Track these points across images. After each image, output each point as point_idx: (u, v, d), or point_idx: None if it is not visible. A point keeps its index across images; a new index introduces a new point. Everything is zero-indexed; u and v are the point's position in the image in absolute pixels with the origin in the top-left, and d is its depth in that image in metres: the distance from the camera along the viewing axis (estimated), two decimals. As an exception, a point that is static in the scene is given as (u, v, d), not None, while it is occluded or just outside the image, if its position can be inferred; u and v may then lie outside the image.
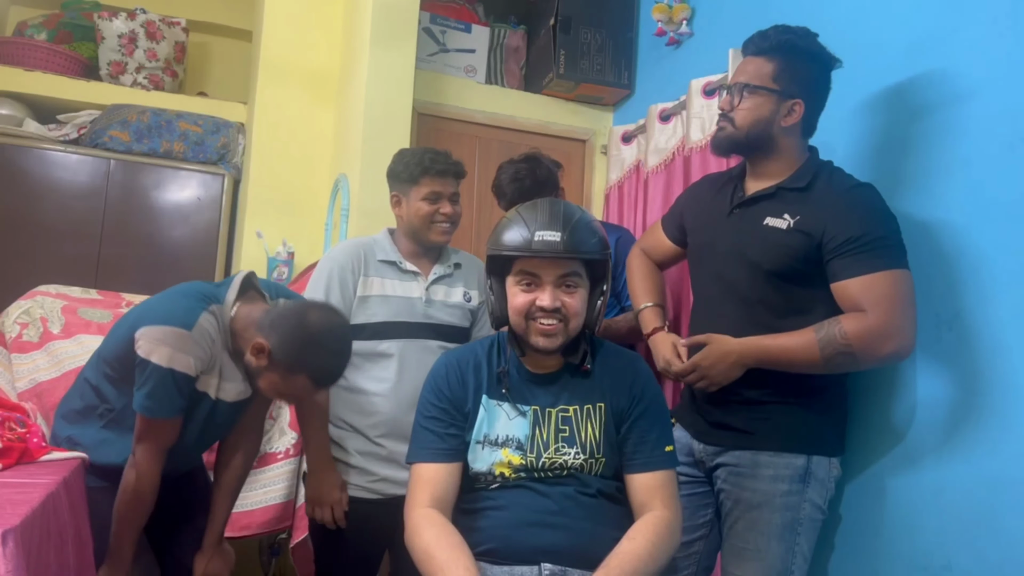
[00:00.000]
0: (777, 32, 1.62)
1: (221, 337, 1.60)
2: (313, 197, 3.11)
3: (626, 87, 2.98)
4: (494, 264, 1.45)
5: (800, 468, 1.58)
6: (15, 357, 2.16)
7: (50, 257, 3.09)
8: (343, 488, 1.77)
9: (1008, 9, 1.50)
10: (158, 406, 1.53)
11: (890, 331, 1.46)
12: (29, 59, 3.31)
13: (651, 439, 1.43)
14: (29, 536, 1.21)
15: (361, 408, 1.81)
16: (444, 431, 1.44)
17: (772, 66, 1.61)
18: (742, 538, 1.61)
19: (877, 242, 1.49)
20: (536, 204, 1.44)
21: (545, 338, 1.39)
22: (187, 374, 1.53)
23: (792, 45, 1.60)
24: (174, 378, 1.51)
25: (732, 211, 1.72)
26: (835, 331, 1.48)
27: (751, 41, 1.66)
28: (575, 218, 1.40)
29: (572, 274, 1.40)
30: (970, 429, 1.49)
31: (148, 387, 1.51)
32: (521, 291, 1.40)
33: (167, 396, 1.52)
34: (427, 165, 1.85)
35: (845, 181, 1.61)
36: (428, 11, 3.00)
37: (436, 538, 1.31)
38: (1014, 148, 1.46)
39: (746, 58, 1.67)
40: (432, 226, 1.87)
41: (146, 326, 1.52)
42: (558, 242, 1.35)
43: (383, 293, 1.85)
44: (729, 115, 1.65)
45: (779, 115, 1.62)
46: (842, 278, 1.51)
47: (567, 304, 1.39)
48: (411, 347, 1.83)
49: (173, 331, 1.52)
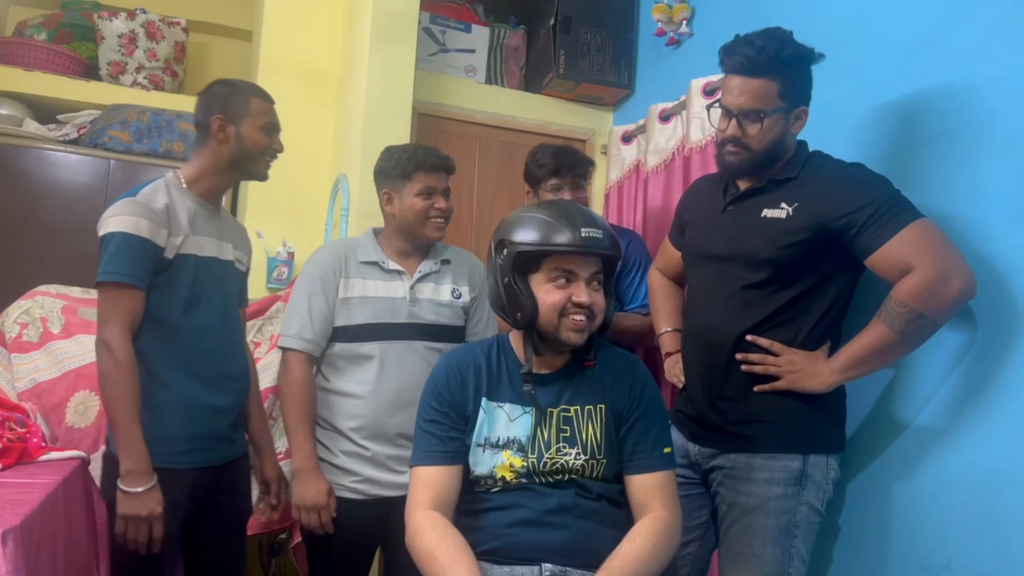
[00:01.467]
0: (767, 44, 1.54)
1: (181, 195, 1.71)
2: (313, 197, 3.10)
3: (626, 87, 2.98)
4: (521, 261, 1.42)
5: (795, 471, 1.57)
6: (15, 357, 2.16)
7: (50, 257, 3.08)
8: (330, 493, 1.75)
9: (1008, 9, 1.50)
10: (115, 268, 1.57)
11: (946, 274, 1.43)
12: (29, 59, 3.31)
13: (650, 440, 1.44)
14: (29, 536, 1.22)
15: (343, 411, 1.81)
16: (445, 434, 1.44)
17: (776, 86, 1.56)
18: (738, 542, 1.61)
19: (889, 202, 1.49)
20: (560, 204, 1.46)
21: (577, 333, 1.40)
22: (139, 235, 1.59)
23: (787, 58, 1.56)
24: (127, 240, 1.58)
25: (726, 208, 1.72)
26: (892, 306, 1.46)
27: (738, 58, 1.57)
28: (600, 219, 1.45)
29: (599, 272, 1.43)
30: (970, 429, 1.49)
31: (105, 256, 1.58)
32: (556, 288, 1.40)
33: (123, 259, 1.57)
34: (420, 160, 1.84)
35: (834, 163, 1.62)
36: (428, 11, 2.99)
37: (439, 539, 1.31)
38: (1014, 148, 1.46)
39: (741, 78, 1.58)
40: (427, 222, 1.86)
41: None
42: (603, 239, 1.38)
43: (364, 294, 1.84)
44: (743, 141, 1.60)
45: (791, 126, 1.62)
46: (877, 246, 1.48)
47: (596, 301, 1.41)
48: (393, 348, 1.81)
49: (119, 203, 1.63)
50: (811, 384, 1.56)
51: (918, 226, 1.46)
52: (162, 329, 1.64)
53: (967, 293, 1.45)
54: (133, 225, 1.59)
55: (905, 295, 1.45)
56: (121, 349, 1.56)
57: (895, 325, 1.46)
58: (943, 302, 1.44)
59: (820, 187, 1.57)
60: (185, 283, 1.67)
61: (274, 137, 1.80)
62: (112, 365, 1.55)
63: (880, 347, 1.50)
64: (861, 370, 1.55)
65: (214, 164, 1.76)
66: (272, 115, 1.79)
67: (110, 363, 1.56)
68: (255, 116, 1.75)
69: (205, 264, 1.72)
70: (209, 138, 1.75)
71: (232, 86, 1.79)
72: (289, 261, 2.94)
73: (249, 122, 1.74)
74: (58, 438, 2.04)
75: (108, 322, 1.58)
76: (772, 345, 1.60)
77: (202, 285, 1.70)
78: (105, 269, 1.58)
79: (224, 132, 1.73)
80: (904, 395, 1.63)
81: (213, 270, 1.74)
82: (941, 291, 1.43)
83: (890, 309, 1.47)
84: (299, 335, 1.80)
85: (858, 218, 1.50)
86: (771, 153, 1.62)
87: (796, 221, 1.57)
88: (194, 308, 1.69)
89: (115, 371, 1.55)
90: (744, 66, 1.58)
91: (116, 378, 1.55)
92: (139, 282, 1.60)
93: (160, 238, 1.63)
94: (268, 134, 1.77)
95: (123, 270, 1.57)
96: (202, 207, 1.75)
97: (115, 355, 1.55)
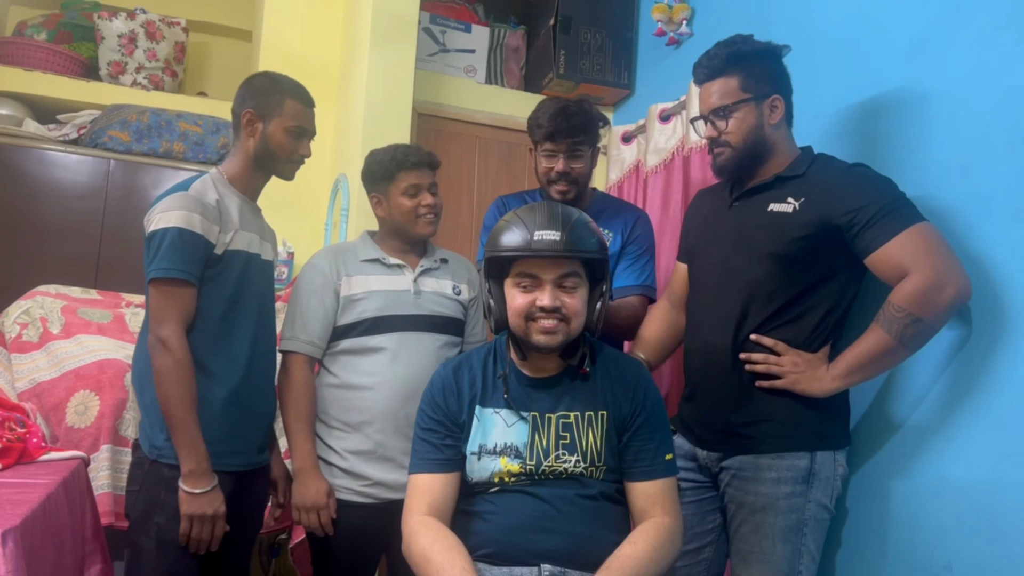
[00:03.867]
0: (720, 49, 1.66)
1: (228, 191, 1.69)
2: (313, 197, 3.10)
3: (626, 87, 2.98)
4: (492, 267, 1.45)
5: (803, 469, 1.58)
6: (15, 357, 2.16)
7: (50, 257, 3.08)
8: (330, 493, 1.74)
9: (1008, 9, 1.50)
10: (171, 264, 1.54)
11: (942, 279, 1.44)
12: (29, 59, 3.31)
13: (651, 448, 1.43)
14: (29, 536, 1.22)
15: (353, 405, 1.79)
16: (440, 442, 1.44)
17: (735, 80, 1.64)
18: (748, 541, 1.61)
19: (892, 205, 1.49)
20: (534, 207, 1.44)
21: (546, 335, 1.39)
22: (193, 231, 1.56)
23: (742, 54, 1.65)
24: (180, 236, 1.55)
25: (732, 204, 1.73)
26: (890, 310, 1.47)
27: (700, 69, 1.70)
28: (573, 218, 1.40)
29: (571, 274, 1.40)
30: (970, 429, 1.49)
31: (159, 252, 1.55)
32: (521, 292, 1.40)
33: (177, 255, 1.54)
34: (400, 159, 1.84)
35: (840, 164, 1.64)
36: (428, 11, 3.00)
37: (432, 541, 1.32)
38: (1014, 148, 1.46)
39: (704, 86, 1.70)
40: (417, 220, 1.86)
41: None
42: (558, 241, 1.36)
43: (369, 289, 1.83)
44: (721, 140, 1.68)
45: (765, 116, 1.65)
46: (876, 247, 1.49)
47: (567, 304, 1.39)
48: (405, 339, 1.81)
49: (170, 198, 1.59)
50: (811, 388, 1.57)
51: (918, 229, 1.47)
52: (208, 325, 1.61)
53: (962, 298, 1.47)
54: (186, 220, 1.56)
55: (903, 299, 1.46)
56: (180, 347, 1.53)
57: (893, 330, 1.47)
58: (939, 306, 1.45)
59: (826, 184, 1.58)
60: (232, 279, 1.65)
61: (302, 142, 1.75)
62: (172, 364, 1.52)
63: (879, 352, 1.51)
64: (860, 376, 1.56)
65: (244, 159, 1.73)
66: (304, 119, 1.75)
67: (169, 361, 1.52)
68: (286, 118, 1.71)
69: (251, 261, 1.70)
70: (240, 131, 1.72)
71: (273, 82, 1.75)
72: (289, 261, 2.94)
73: (278, 123, 1.71)
74: (58, 438, 2.04)
75: (165, 320, 1.54)
76: (776, 345, 1.60)
77: (248, 282, 1.69)
78: (160, 265, 1.54)
79: (252, 127, 1.71)
80: (904, 396, 1.63)
81: (257, 268, 1.73)
82: (937, 296, 1.44)
83: (888, 313, 1.48)
84: (297, 337, 1.80)
85: (860, 217, 1.50)
86: (754, 146, 1.66)
87: (802, 216, 1.58)
88: (238, 305, 1.67)
89: (175, 370, 1.51)
90: (704, 74, 1.69)
91: (176, 377, 1.51)
92: (194, 278, 1.57)
93: (212, 234, 1.60)
94: (295, 138, 1.73)
95: (179, 266, 1.54)
96: (247, 204, 1.74)
97: (174, 353, 1.52)
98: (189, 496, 1.52)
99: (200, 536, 1.54)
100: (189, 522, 1.53)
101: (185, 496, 1.52)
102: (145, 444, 1.60)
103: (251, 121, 1.70)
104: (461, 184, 2.96)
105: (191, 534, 1.54)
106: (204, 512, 1.53)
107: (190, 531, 1.54)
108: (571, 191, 1.95)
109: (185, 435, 1.52)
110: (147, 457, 1.58)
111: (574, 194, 1.96)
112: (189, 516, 1.53)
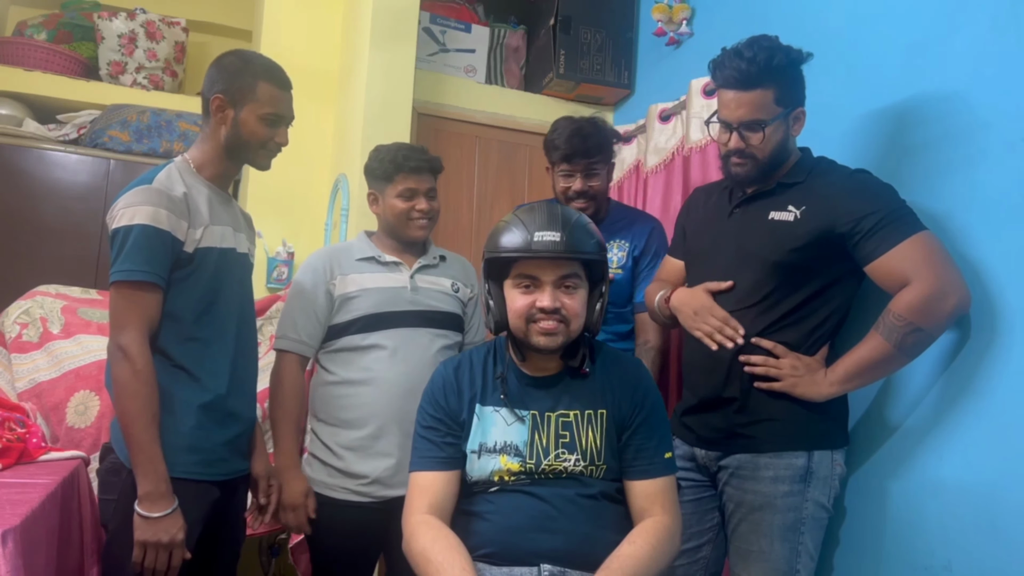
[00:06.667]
0: (757, 55, 1.55)
1: (195, 181, 1.56)
2: (313, 197, 3.10)
3: (626, 87, 2.98)
4: (492, 268, 1.45)
5: (801, 468, 1.58)
6: (15, 357, 2.16)
7: (50, 257, 3.08)
8: (307, 493, 1.74)
9: (1008, 9, 1.50)
10: (134, 266, 1.42)
11: (943, 289, 1.44)
12: (29, 59, 3.32)
13: (651, 446, 1.44)
14: (29, 536, 1.22)
15: (350, 402, 1.80)
16: (441, 440, 1.45)
17: (771, 93, 1.57)
18: (746, 540, 1.61)
19: (894, 213, 1.50)
20: (534, 207, 1.44)
21: (546, 337, 1.39)
22: (159, 227, 1.44)
23: (780, 67, 1.57)
24: (145, 233, 1.42)
25: (732, 211, 1.73)
26: (890, 318, 1.48)
27: (729, 73, 1.58)
28: (573, 219, 1.41)
29: (571, 276, 1.40)
30: (969, 429, 1.49)
31: (122, 252, 1.42)
32: (521, 293, 1.40)
33: (142, 255, 1.42)
34: (400, 162, 1.84)
35: (842, 170, 1.63)
36: (428, 11, 2.99)
37: (432, 541, 1.32)
38: (1014, 148, 1.46)
39: (736, 94, 1.59)
40: (409, 223, 1.86)
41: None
42: (558, 242, 1.36)
43: (363, 287, 1.84)
44: (747, 152, 1.62)
45: (790, 128, 1.64)
46: (877, 255, 1.49)
47: (567, 305, 1.39)
48: (400, 336, 1.81)
49: (133, 192, 1.47)
50: (809, 392, 1.57)
51: (920, 239, 1.47)
52: (181, 329, 1.50)
53: (962, 309, 1.48)
54: (152, 216, 1.43)
55: (904, 308, 1.46)
56: (140, 357, 1.40)
57: (892, 338, 1.48)
58: (939, 316, 1.46)
59: (828, 191, 1.58)
60: (206, 279, 1.53)
61: (278, 129, 1.60)
62: (130, 375, 1.39)
63: (877, 359, 1.51)
64: (858, 382, 1.56)
65: (214, 147, 1.59)
66: (280, 105, 1.59)
67: (128, 372, 1.39)
68: (259, 103, 1.56)
69: (225, 257, 1.58)
70: (209, 116, 1.58)
71: (245, 63, 1.58)
72: (289, 261, 2.94)
73: (250, 108, 1.55)
74: (58, 438, 2.04)
75: (125, 326, 1.41)
76: (775, 347, 1.61)
77: (223, 279, 1.57)
78: (122, 267, 1.42)
79: (223, 114, 1.56)
80: (903, 395, 1.63)
81: (232, 263, 1.61)
82: (938, 306, 1.45)
83: (888, 322, 1.48)
84: (288, 336, 1.82)
85: (863, 225, 1.51)
86: (776, 158, 1.64)
87: (804, 225, 1.58)
88: (215, 306, 1.55)
89: (133, 382, 1.39)
90: (737, 80, 1.59)
91: (134, 390, 1.39)
92: (159, 280, 1.44)
93: (180, 230, 1.47)
94: (270, 125, 1.58)
95: (143, 267, 1.42)
96: (216, 194, 1.60)
97: (134, 363, 1.39)
98: (144, 521, 1.38)
99: (154, 566, 1.39)
100: (143, 549, 1.39)
101: (140, 521, 1.38)
102: (120, 450, 1.47)
103: (221, 107, 1.55)
104: (461, 184, 2.96)
105: (143, 563, 1.39)
106: (159, 539, 1.38)
107: (143, 560, 1.39)
108: (589, 207, 2.02)
109: (142, 453, 1.39)
110: (124, 465, 1.45)
111: (592, 210, 2.02)
112: (143, 543, 1.38)
